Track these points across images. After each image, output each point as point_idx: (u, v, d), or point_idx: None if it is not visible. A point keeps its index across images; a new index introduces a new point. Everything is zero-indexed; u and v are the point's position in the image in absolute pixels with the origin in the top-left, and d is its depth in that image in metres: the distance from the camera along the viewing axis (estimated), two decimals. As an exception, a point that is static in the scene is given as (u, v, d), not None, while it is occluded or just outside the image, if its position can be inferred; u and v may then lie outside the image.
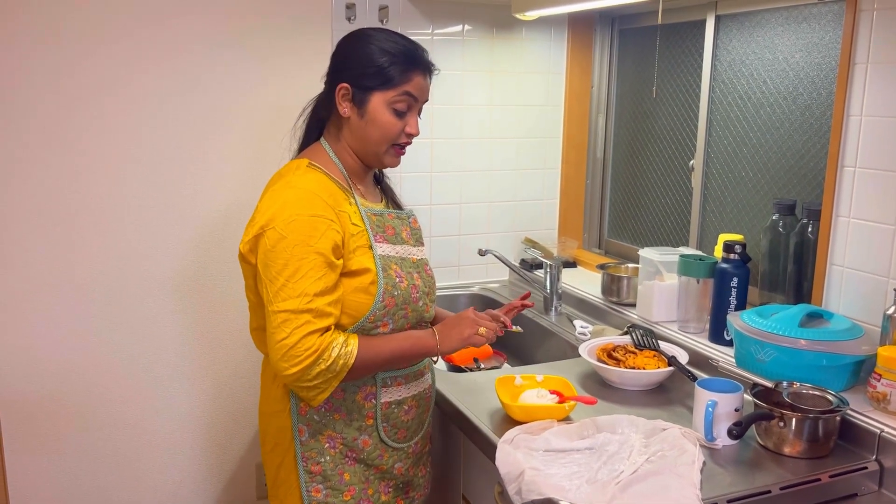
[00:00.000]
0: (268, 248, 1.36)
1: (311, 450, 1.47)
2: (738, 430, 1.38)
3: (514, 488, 1.32)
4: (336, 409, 1.47)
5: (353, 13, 2.23)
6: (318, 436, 1.47)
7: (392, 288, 1.44)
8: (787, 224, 1.85)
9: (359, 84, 1.43)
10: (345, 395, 1.46)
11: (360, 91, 1.43)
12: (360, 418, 1.49)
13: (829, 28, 1.80)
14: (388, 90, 1.43)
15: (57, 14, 1.95)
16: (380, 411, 1.50)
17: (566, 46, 2.55)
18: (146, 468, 2.26)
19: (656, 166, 2.44)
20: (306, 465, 1.47)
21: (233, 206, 2.22)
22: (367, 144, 1.47)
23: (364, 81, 1.43)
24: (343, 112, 1.45)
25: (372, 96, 1.43)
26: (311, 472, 1.47)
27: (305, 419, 1.47)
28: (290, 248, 1.34)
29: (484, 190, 2.55)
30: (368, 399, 1.49)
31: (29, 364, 2.08)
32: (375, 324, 1.44)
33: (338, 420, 1.48)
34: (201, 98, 2.13)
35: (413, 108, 1.48)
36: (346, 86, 1.44)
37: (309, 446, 1.47)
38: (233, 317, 2.28)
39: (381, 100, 1.43)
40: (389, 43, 1.44)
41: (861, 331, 1.54)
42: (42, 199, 2.02)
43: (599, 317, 2.17)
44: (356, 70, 1.43)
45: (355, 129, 1.46)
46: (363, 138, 1.46)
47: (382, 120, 1.44)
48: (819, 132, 1.84)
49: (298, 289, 1.33)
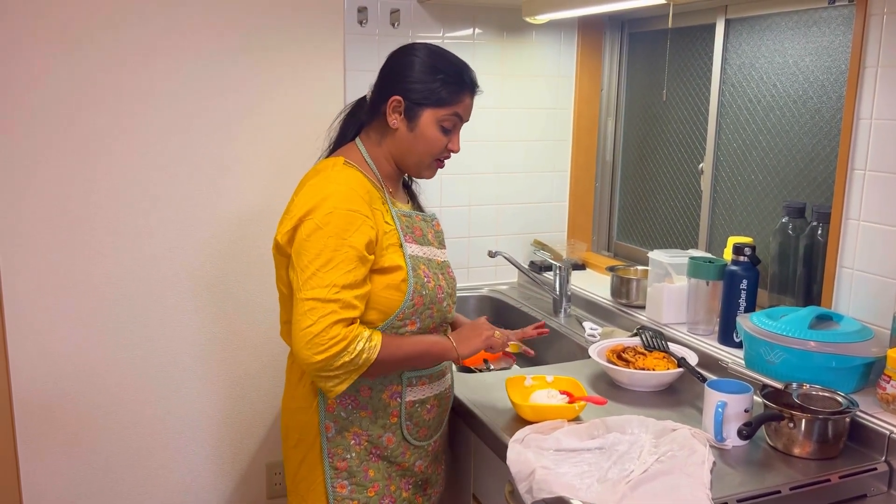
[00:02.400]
0: (303, 238, 1.38)
1: (338, 446, 1.49)
2: (748, 431, 1.39)
3: (524, 487, 1.33)
4: (362, 407, 1.49)
5: (364, 17, 2.25)
6: (345, 432, 1.49)
7: (421, 287, 1.47)
8: (796, 227, 1.85)
9: (412, 99, 1.47)
10: (371, 393, 1.49)
11: (412, 106, 1.47)
12: (384, 416, 1.51)
13: (839, 32, 1.81)
14: (440, 109, 1.47)
15: (78, 20, 1.98)
16: (404, 410, 1.52)
17: (576, 50, 2.57)
18: (158, 467, 2.27)
19: (666, 169, 2.44)
20: (332, 462, 1.49)
21: (250, 210, 2.24)
22: (410, 156, 1.51)
23: (418, 98, 1.46)
24: (392, 123, 1.48)
25: (424, 112, 1.47)
26: (337, 468, 1.50)
27: (333, 416, 1.49)
28: (324, 238, 1.36)
29: (494, 192, 2.56)
30: (394, 397, 1.51)
31: (44, 364, 2.10)
32: (404, 322, 1.47)
33: (364, 417, 1.50)
34: (218, 103, 2.15)
35: (458, 127, 1.52)
36: (398, 99, 1.47)
37: (335, 443, 1.49)
38: (245, 318, 2.30)
39: (431, 117, 1.47)
40: (445, 63, 1.48)
41: (870, 333, 1.54)
42: (59, 202, 2.05)
43: (609, 319, 2.18)
44: (411, 86, 1.46)
45: (401, 140, 1.50)
46: (408, 150, 1.50)
47: (431, 136, 1.48)
48: (829, 135, 1.85)
49: (328, 279, 1.35)
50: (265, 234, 2.27)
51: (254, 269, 2.28)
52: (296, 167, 1.55)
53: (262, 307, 2.31)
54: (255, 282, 2.29)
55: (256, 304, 2.31)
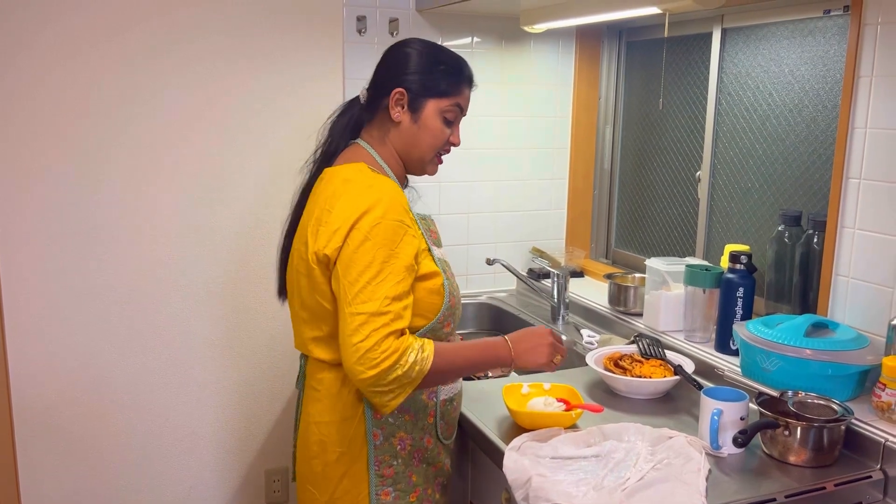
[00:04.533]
0: (351, 250, 1.34)
1: (385, 453, 1.46)
2: (744, 439, 1.39)
3: (521, 494, 1.33)
4: (406, 411, 1.47)
5: (363, 26, 2.27)
6: (392, 438, 1.46)
7: (453, 289, 1.48)
8: (792, 235, 1.86)
9: (415, 91, 1.46)
10: (413, 395, 1.43)
11: (415, 97, 1.46)
12: (423, 417, 1.50)
13: (835, 41, 1.82)
14: (443, 99, 1.47)
15: (79, 26, 2.00)
16: (438, 409, 1.51)
17: (574, 58, 2.58)
18: (157, 474, 2.28)
19: (663, 177, 2.45)
20: (378, 469, 1.46)
21: (250, 216, 2.25)
22: (415, 150, 1.50)
23: (422, 88, 1.46)
24: (395, 116, 1.47)
25: (427, 103, 1.47)
26: (383, 475, 1.46)
27: (380, 423, 1.45)
28: (373, 250, 1.33)
29: (492, 200, 2.57)
30: (430, 397, 1.50)
31: (43, 370, 2.11)
32: (443, 323, 1.48)
33: (408, 421, 1.48)
34: (219, 109, 2.17)
35: (458, 119, 1.52)
36: (402, 90, 1.46)
37: (383, 450, 1.46)
38: (244, 325, 2.31)
39: (435, 108, 1.47)
40: (444, 54, 1.50)
41: (866, 341, 1.55)
42: (60, 207, 2.06)
43: (606, 326, 2.18)
44: (414, 77, 1.46)
45: (406, 133, 1.49)
46: (413, 143, 1.50)
47: (434, 127, 1.48)
48: (824, 144, 1.86)
49: (379, 292, 1.32)
50: (265, 241, 2.28)
51: (254, 275, 2.29)
52: (295, 173, 1.58)
53: (262, 314, 2.32)
54: (256, 288, 2.30)
55: (256, 310, 2.32)
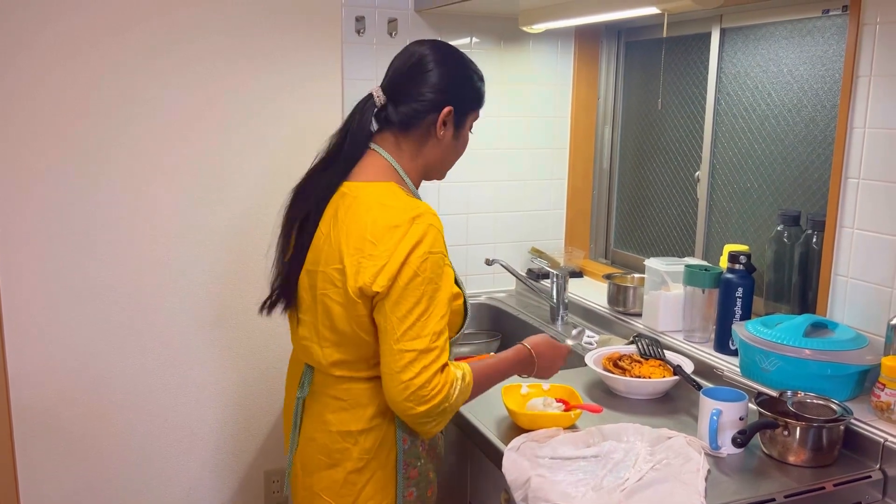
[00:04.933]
0: (402, 287, 1.30)
1: (412, 456, 1.47)
2: (743, 439, 1.39)
3: (520, 495, 1.33)
4: None
5: (362, 26, 2.27)
6: (417, 440, 1.47)
7: (468, 304, 1.49)
8: (791, 235, 1.86)
9: (461, 107, 1.44)
10: None
11: (461, 114, 1.45)
12: None
13: (833, 41, 1.82)
14: (478, 109, 1.49)
15: (79, 26, 1.99)
16: None
17: (573, 59, 2.58)
18: (156, 475, 2.28)
19: (662, 177, 2.45)
20: (406, 472, 1.46)
21: (248, 217, 2.25)
22: (449, 161, 1.50)
23: (466, 104, 1.45)
24: (441, 134, 1.43)
25: (468, 117, 1.47)
26: (409, 477, 1.47)
27: (408, 428, 1.44)
28: (422, 286, 1.31)
29: (491, 200, 2.57)
30: None
31: (42, 371, 2.11)
32: (460, 335, 1.50)
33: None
34: (218, 110, 2.17)
35: None
36: (451, 109, 1.41)
37: (410, 453, 1.46)
38: (243, 326, 2.31)
39: (472, 119, 1.49)
40: (471, 63, 1.48)
41: (865, 341, 1.55)
42: (59, 207, 2.06)
43: (605, 326, 2.18)
44: (460, 93, 1.44)
45: (446, 148, 1.46)
46: (449, 156, 1.49)
47: (467, 138, 1.50)
48: (823, 144, 1.86)
49: (428, 328, 1.30)
50: (265, 241, 2.27)
51: (252, 276, 2.28)
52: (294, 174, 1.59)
53: (262, 316, 2.31)
54: (254, 289, 2.30)
55: (255, 311, 2.30)
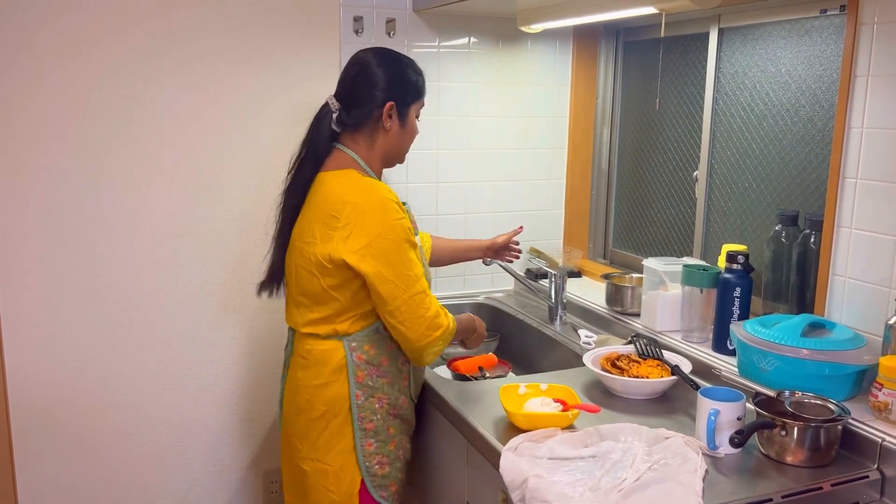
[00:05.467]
0: (385, 251, 1.58)
1: (366, 410, 1.69)
2: (740, 439, 1.40)
3: (517, 495, 1.33)
4: (383, 375, 1.71)
5: (360, 26, 2.27)
6: (371, 398, 1.69)
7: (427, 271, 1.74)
8: (789, 234, 1.86)
9: (402, 100, 1.68)
10: (389, 363, 1.71)
11: (403, 106, 1.68)
12: (399, 381, 1.74)
13: (831, 41, 1.82)
14: (419, 100, 1.72)
15: (78, 27, 1.99)
16: (411, 373, 1.77)
17: (571, 59, 2.58)
18: (155, 475, 2.28)
19: (660, 177, 2.45)
20: (361, 424, 1.69)
21: (248, 216, 2.25)
22: (401, 149, 1.74)
23: (406, 97, 1.68)
24: (388, 126, 1.67)
25: (411, 109, 1.71)
26: (366, 429, 1.70)
27: (361, 385, 1.68)
28: (398, 245, 1.59)
29: (489, 200, 2.57)
30: (405, 364, 1.75)
31: (40, 370, 2.11)
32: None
33: (385, 384, 1.71)
34: (216, 110, 2.17)
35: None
36: (392, 104, 1.66)
37: (364, 408, 1.69)
38: (242, 326, 2.30)
39: (415, 110, 1.72)
40: (409, 61, 1.71)
41: (863, 340, 1.55)
42: (59, 207, 2.06)
43: (604, 326, 2.18)
44: (399, 89, 1.67)
45: (395, 138, 1.70)
46: (400, 145, 1.73)
47: (415, 126, 1.74)
48: (821, 144, 1.86)
49: (416, 272, 1.61)
50: (264, 241, 2.27)
51: (253, 275, 2.28)
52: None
53: (261, 314, 2.32)
54: (253, 289, 2.29)
55: (254, 310, 2.31)
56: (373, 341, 1.68)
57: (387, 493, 1.74)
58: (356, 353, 1.67)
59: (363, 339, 1.67)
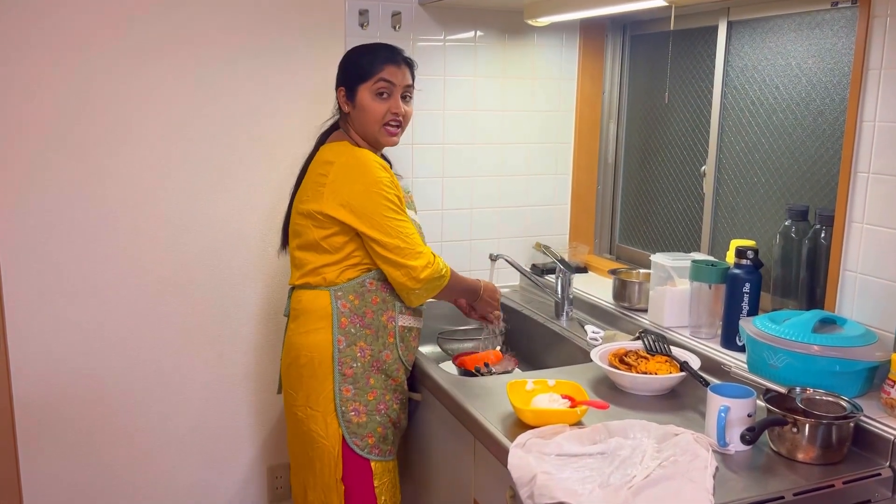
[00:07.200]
0: (365, 202, 1.72)
1: (347, 356, 1.79)
2: (751, 436, 1.38)
3: (526, 492, 1.32)
4: (367, 326, 1.81)
5: (366, 20, 2.25)
6: (353, 346, 1.79)
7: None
8: (799, 230, 1.84)
9: (349, 83, 1.81)
10: (374, 316, 1.81)
11: (350, 88, 1.81)
12: (384, 336, 1.83)
13: (843, 34, 1.80)
14: (368, 81, 1.79)
15: (78, 24, 1.98)
16: (398, 332, 1.84)
17: (578, 52, 2.56)
18: (159, 471, 2.27)
19: (668, 172, 2.44)
20: (341, 369, 1.79)
21: (251, 214, 2.24)
22: (365, 128, 1.82)
23: (350, 79, 1.81)
24: (345, 109, 1.84)
25: (359, 89, 1.80)
26: (345, 374, 1.79)
27: (344, 331, 1.79)
28: (382, 195, 1.73)
29: (495, 195, 2.55)
30: (390, 321, 1.83)
31: (45, 368, 2.10)
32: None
33: (368, 335, 1.81)
34: (220, 106, 2.16)
35: (395, 93, 1.81)
36: (342, 88, 1.84)
37: (345, 354, 1.79)
38: (246, 322, 2.30)
39: (365, 91, 1.79)
40: (362, 48, 1.85)
41: (874, 337, 1.53)
42: (60, 206, 2.05)
43: (611, 322, 2.17)
44: (344, 73, 1.84)
45: (356, 119, 1.83)
46: (362, 124, 1.82)
47: (370, 106, 1.80)
48: (832, 138, 1.84)
49: (399, 218, 1.74)
50: (267, 238, 2.27)
51: (256, 272, 2.28)
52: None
53: (264, 310, 2.31)
54: (257, 285, 2.29)
55: (258, 307, 2.31)
56: (358, 293, 1.79)
57: (362, 443, 1.80)
58: (341, 301, 1.78)
59: (349, 290, 1.79)
